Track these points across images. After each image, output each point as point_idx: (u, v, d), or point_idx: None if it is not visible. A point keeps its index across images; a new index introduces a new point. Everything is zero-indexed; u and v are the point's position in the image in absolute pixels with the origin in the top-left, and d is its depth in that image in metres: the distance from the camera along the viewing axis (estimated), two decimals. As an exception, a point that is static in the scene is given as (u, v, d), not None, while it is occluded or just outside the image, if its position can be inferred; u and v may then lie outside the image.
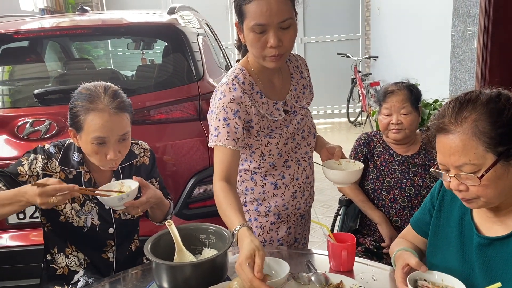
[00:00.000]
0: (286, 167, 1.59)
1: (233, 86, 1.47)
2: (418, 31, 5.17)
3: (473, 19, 3.51)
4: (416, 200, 1.99)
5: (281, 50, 1.39)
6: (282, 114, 1.55)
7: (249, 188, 1.62)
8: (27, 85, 2.73)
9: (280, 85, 1.58)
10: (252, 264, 1.11)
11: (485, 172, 1.05)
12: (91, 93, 1.49)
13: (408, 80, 2.12)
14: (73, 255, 1.63)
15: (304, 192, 1.66)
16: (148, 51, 4.00)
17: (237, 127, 1.43)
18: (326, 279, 1.27)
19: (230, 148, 1.42)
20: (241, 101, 1.45)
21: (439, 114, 1.13)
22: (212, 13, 5.92)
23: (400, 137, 2.03)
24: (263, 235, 1.65)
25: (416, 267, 1.19)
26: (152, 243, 1.30)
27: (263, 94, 1.52)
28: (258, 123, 1.50)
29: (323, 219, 3.78)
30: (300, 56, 1.71)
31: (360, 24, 7.66)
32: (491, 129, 1.05)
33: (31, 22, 2.87)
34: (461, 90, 3.82)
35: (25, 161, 1.53)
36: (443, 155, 1.11)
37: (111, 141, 1.48)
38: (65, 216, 1.57)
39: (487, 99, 1.08)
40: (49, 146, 1.58)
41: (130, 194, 1.44)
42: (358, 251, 1.98)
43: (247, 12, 1.36)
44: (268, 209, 1.62)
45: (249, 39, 1.39)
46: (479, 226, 1.20)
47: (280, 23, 1.35)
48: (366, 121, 6.57)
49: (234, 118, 1.44)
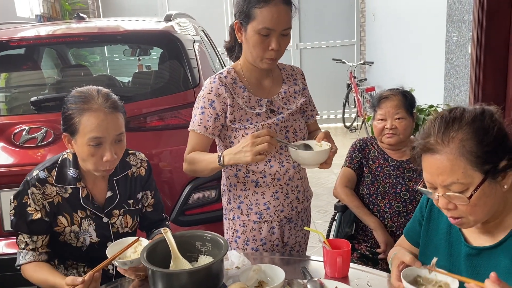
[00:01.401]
0: (268, 167, 1.64)
1: (213, 79, 1.62)
2: (413, 37, 5.21)
3: (467, 25, 3.55)
4: (411, 206, 2.00)
5: (278, 54, 1.55)
6: (263, 109, 1.63)
7: (232, 184, 1.69)
8: (23, 92, 2.73)
9: (269, 86, 1.68)
10: None
11: (474, 192, 1.05)
12: (84, 94, 1.48)
13: (402, 87, 2.15)
14: (72, 267, 1.63)
15: (289, 195, 1.69)
16: (145, 57, 4.01)
17: (210, 116, 1.60)
18: (322, 286, 1.28)
19: (200, 133, 1.62)
20: (218, 92, 1.60)
21: (424, 133, 1.12)
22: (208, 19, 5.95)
23: (394, 142, 2.05)
24: (245, 234, 1.70)
25: (410, 263, 1.20)
26: (148, 250, 1.31)
27: (246, 89, 1.63)
28: (232, 114, 1.60)
29: (319, 224, 3.78)
30: (297, 67, 1.80)
31: (355, 30, 7.69)
32: (477, 148, 1.05)
33: (27, 29, 2.87)
34: (456, 95, 3.85)
35: (26, 200, 1.51)
36: (431, 175, 1.11)
37: (107, 142, 1.47)
38: (64, 237, 1.57)
39: (473, 117, 1.08)
40: (38, 172, 1.53)
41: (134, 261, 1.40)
42: (354, 257, 1.99)
43: (257, 15, 1.49)
44: (250, 207, 1.68)
45: (253, 40, 1.52)
46: (467, 236, 1.22)
47: (283, 30, 1.51)
48: (362, 126, 6.59)
49: (209, 107, 1.60)
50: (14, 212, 1.53)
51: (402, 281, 1.14)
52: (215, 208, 2.32)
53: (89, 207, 1.56)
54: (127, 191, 1.64)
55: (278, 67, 1.75)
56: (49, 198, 1.53)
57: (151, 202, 1.72)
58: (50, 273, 1.47)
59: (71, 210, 1.55)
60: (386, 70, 6.42)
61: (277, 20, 1.48)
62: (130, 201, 1.65)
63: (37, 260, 1.52)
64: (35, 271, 1.49)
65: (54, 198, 1.54)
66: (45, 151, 2.22)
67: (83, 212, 1.57)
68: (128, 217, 1.64)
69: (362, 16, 7.57)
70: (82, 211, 1.56)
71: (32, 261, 1.51)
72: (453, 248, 1.25)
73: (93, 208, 1.57)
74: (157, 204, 1.74)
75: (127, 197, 1.64)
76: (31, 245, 1.52)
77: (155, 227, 1.72)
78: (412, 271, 1.20)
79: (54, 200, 1.54)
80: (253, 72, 1.65)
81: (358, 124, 6.94)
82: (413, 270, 1.20)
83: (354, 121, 7.23)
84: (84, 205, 1.56)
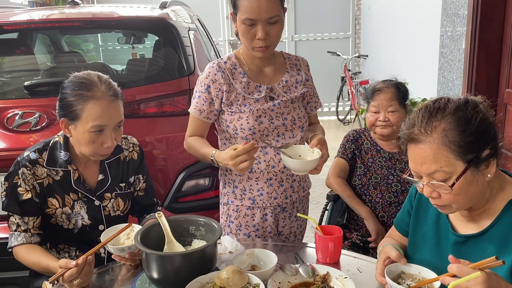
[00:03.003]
0: (263, 153, 1.66)
1: (212, 65, 1.65)
2: (408, 31, 5.22)
3: (461, 20, 3.56)
4: (402, 196, 2.02)
5: (268, 42, 1.56)
6: (261, 95, 1.64)
7: (228, 169, 1.70)
8: (16, 77, 2.71)
9: (270, 74, 1.69)
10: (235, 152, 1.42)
11: (456, 180, 1.07)
12: (86, 81, 1.47)
13: (396, 78, 2.16)
14: (64, 251, 1.63)
15: (283, 182, 1.70)
16: (139, 46, 3.98)
17: (205, 100, 1.64)
18: (313, 270, 1.29)
19: (195, 116, 1.67)
20: (215, 78, 1.63)
21: (409, 123, 1.14)
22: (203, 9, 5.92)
23: (387, 133, 2.06)
24: (238, 219, 1.72)
25: (396, 260, 1.23)
26: (142, 234, 1.32)
27: (245, 75, 1.65)
28: (228, 99, 1.63)
29: (311, 214, 3.76)
30: (302, 58, 1.80)
31: (350, 22, 7.70)
32: (460, 138, 1.07)
33: (21, 14, 2.85)
34: (449, 89, 3.87)
35: (17, 180, 1.51)
36: (415, 164, 1.13)
37: (109, 129, 1.48)
38: (56, 219, 1.57)
39: (455, 107, 1.10)
40: (29, 153, 1.53)
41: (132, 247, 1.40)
42: (345, 245, 2.01)
43: (240, 6, 1.53)
44: (243, 192, 1.70)
45: (241, 30, 1.56)
46: (454, 225, 1.24)
47: (268, 19, 1.52)
48: (355, 119, 6.62)
49: (204, 92, 1.64)
50: (6, 193, 1.53)
51: (386, 278, 1.16)
52: (209, 196, 2.34)
53: (80, 189, 1.57)
54: (119, 175, 1.65)
55: (283, 56, 1.76)
56: (39, 179, 1.53)
57: (143, 187, 1.72)
58: (43, 255, 1.47)
59: (62, 192, 1.56)
60: (381, 64, 6.43)
61: (258, 10, 1.49)
62: (122, 184, 1.65)
63: (29, 242, 1.51)
64: (28, 253, 1.49)
65: (44, 180, 1.54)
66: (38, 136, 2.20)
67: (75, 194, 1.57)
68: (120, 200, 1.65)
69: (358, 9, 7.57)
70: (74, 194, 1.57)
71: (25, 243, 1.51)
72: (441, 237, 1.27)
73: (85, 190, 1.57)
74: (149, 188, 1.74)
75: (118, 180, 1.64)
76: (22, 227, 1.52)
77: (147, 212, 1.73)
78: (397, 267, 1.22)
79: (44, 182, 1.54)
80: (254, 59, 1.66)
81: (352, 117, 6.97)
82: (398, 267, 1.22)
83: (347, 114, 7.26)
84: (76, 188, 1.56)
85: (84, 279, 1.31)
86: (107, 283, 1.40)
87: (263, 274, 1.25)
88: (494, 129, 1.12)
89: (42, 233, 1.57)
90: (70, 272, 1.28)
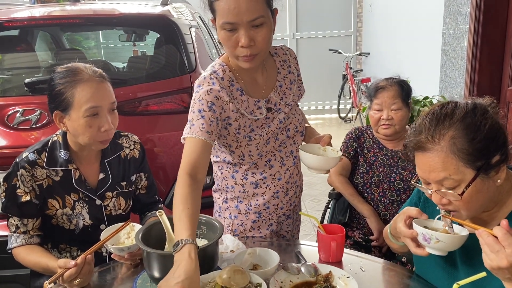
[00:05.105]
0: (268, 167, 1.55)
1: (211, 80, 1.41)
2: (410, 28, 5.20)
3: (464, 18, 3.55)
4: (404, 195, 2.01)
5: (254, 50, 1.32)
6: (263, 113, 1.48)
7: (229, 186, 1.59)
8: (17, 74, 2.71)
9: (263, 82, 1.52)
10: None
11: (466, 188, 1.04)
12: (71, 68, 1.48)
13: (399, 76, 2.15)
14: (65, 251, 1.63)
15: (288, 192, 1.62)
16: (140, 43, 3.98)
17: (212, 120, 1.36)
18: (316, 270, 1.28)
19: (202, 139, 1.33)
20: (219, 95, 1.40)
21: (415, 130, 1.10)
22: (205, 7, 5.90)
23: (390, 133, 2.06)
24: (244, 233, 1.63)
25: (417, 216, 1.18)
26: (143, 232, 1.31)
27: (243, 92, 1.46)
28: (236, 120, 1.44)
29: (312, 213, 3.79)
30: (289, 49, 1.63)
31: (352, 20, 7.67)
32: (469, 145, 1.03)
33: (22, 10, 2.84)
34: (451, 87, 3.86)
35: (16, 181, 1.50)
36: (423, 172, 1.10)
37: (103, 110, 1.47)
38: (57, 220, 1.56)
39: (464, 114, 1.06)
40: (28, 154, 1.51)
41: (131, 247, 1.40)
42: (347, 244, 2.00)
43: (217, 9, 1.30)
44: (249, 207, 1.59)
45: (221, 37, 1.33)
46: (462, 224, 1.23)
47: (250, 22, 1.28)
48: (357, 117, 6.60)
49: (209, 110, 1.37)
50: (5, 194, 1.52)
51: (415, 227, 1.13)
52: (210, 194, 2.32)
53: (81, 189, 1.55)
54: (120, 173, 1.64)
55: (270, 53, 1.56)
56: (39, 180, 1.52)
57: (145, 184, 1.71)
58: (43, 255, 1.46)
59: (63, 193, 1.54)
60: (382, 61, 6.42)
61: (236, 11, 1.25)
62: (123, 183, 1.64)
63: (28, 243, 1.51)
64: (27, 254, 1.48)
65: (43, 181, 1.52)
66: (39, 134, 2.20)
67: (76, 194, 1.56)
68: (121, 199, 1.64)
69: (360, 6, 7.55)
70: (74, 194, 1.56)
71: (24, 244, 1.50)
72: None
73: (86, 190, 1.56)
74: (151, 186, 1.73)
75: (120, 179, 1.63)
76: (22, 228, 1.51)
77: (148, 209, 1.72)
78: (420, 222, 1.17)
79: (44, 183, 1.52)
80: (245, 69, 1.44)
81: (353, 115, 6.95)
82: (420, 222, 1.17)
83: (349, 112, 7.24)
84: (77, 187, 1.55)
85: (84, 279, 1.30)
86: (108, 282, 1.39)
87: (265, 274, 1.25)
88: (504, 134, 1.08)
89: (42, 233, 1.56)
90: (69, 272, 1.27)
